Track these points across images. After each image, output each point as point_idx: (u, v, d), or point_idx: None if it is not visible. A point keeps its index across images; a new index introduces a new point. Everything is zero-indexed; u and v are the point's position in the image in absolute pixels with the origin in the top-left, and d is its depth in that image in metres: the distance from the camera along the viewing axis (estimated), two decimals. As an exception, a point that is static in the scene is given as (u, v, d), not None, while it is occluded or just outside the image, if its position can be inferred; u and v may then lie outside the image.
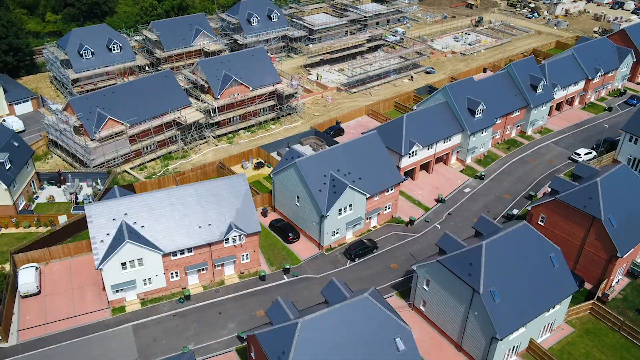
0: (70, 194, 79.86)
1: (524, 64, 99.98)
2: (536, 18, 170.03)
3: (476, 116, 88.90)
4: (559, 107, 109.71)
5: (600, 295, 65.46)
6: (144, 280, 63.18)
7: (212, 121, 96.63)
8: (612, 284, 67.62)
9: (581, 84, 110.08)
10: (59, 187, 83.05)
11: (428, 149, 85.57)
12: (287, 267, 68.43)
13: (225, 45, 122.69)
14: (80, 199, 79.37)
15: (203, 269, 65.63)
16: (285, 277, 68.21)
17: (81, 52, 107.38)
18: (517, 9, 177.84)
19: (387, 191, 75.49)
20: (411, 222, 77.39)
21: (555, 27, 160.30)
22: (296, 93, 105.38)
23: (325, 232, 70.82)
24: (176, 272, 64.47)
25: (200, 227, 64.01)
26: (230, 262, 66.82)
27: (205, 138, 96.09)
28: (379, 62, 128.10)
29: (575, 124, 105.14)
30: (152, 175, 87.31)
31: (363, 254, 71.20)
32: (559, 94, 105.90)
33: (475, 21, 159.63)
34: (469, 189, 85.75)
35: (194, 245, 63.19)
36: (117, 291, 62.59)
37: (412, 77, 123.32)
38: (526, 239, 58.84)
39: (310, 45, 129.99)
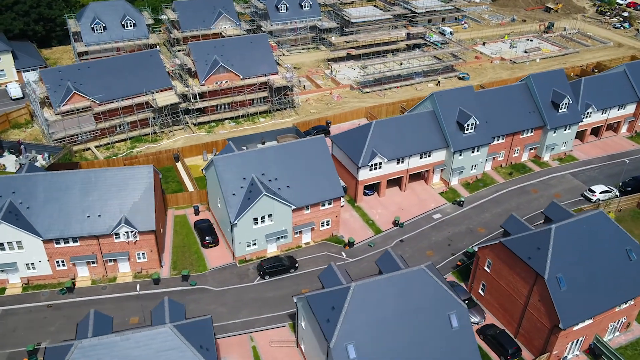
0: (21, 164, 78.85)
1: (548, 76, 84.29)
2: (626, 29, 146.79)
3: (466, 132, 75.89)
4: (597, 132, 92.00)
5: (536, 371, 52.02)
6: (27, 264, 59.65)
7: (193, 107, 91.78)
8: (562, 360, 53.69)
9: (630, 108, 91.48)
10: (17, 156, 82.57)
11: (398, 163, 74.26)
12: (185, 273, 61.72)
13: (245, 31, 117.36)
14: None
15: (93, 262, 60.85)
16: (182, 284, 61.63)
17: (93, 26, 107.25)
18: (607, 17, 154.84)
19: (322, 205, 65.96)
20: (350, 244, 67.28)
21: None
22: (293, 87, 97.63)
23: (237, 241, 63.12)
24: (62, 261, 60.28)
25: (88, 216, 59.20)
26: (123, 259, 61.41)
27: (181, 123, 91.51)
28: (402, 61, 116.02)
29: (610, 155, 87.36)
30: (114, 156, 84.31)
31: (276, 272, 62.59)
32: (595, 117, 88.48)
33: (544, 26, 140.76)
34: (440, 215, 73.39)
35: (78, 235, 58.52)
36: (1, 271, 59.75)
37: (439, 82, 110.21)
38: (601, 229, 53.83)
39: (333, 37, 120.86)
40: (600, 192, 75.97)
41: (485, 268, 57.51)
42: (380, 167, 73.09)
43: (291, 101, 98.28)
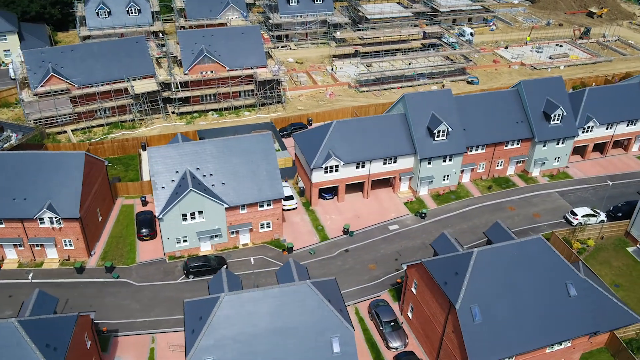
0: (-6, 143, 79.93)
1: (542, 83, 76.62)
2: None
3: (436, 139, 70.03)
4: (601, 149, 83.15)
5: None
6: (-45, 242, 59.80)
7: (175, 96, 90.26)
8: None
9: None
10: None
11: (358, 167, 69.49)
12: (109, 265, 59.92)
13: (252, 23, 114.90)
14: (-4, 149, 79.00)
15: (19, 245, 60.15)
16: (105, 275, 59.90)
17: (97, 11, 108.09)
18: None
19: (261, 206, 62.39)
20: (289, 249, 63.38)
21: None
22: (281, 81, 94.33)
23: (165, 237, 60.68)
24: (-11, 242, 60.02)
25: (14, 199, 58.42)
26: (50, 244, 60.36)
27: (160, 112, 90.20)
28: (411, 61, 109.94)
29: (611, 175, 78.54)
30: (88, 140, 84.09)
31: (201, 272, 59.67)
32: (598, 132, 79.83)
33: (580, 32, 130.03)
34: (397, 226, 68.05)
35: (2, 217, 57.90)
36: None
37: (443, 84, 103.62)
38: (536, 257, 48.37)
39: (339, 32, 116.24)
40: (583, 216, 68.10)
41: (412, 289, 52.24)
42: (336, 170, 68.58)
43: (279, 96, 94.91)
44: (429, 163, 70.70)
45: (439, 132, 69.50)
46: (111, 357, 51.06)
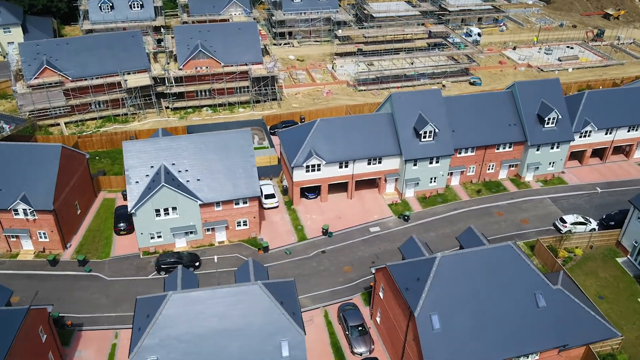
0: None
1: (538, 85, 74.14)
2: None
3: (422, 140, 68.24)
4: (601, 154, 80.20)
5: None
6: None
7: (170, 91, 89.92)
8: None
9: (646, 130, 78.91)
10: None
11: (341, 167, 68.08)
12: (81, 258, 59.66)
13: (254, 19, 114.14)
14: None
15: (-5, 235, 60.41)
16: (78, 269, 59.66)
17: (100, 5, 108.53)
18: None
19: (237, 203, 61.47)
20: (264, 248, 62.34)
21: None
22: (278, 78, 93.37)
23: (139, 232, 60.19)
24: (-35, 231, 60.31)
25: (-11, 190, 58.64)
26: (25, 236, 60.36)
27: (154, 107, 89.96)
28: (414, 60, 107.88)
29: (608, 182, 75.64)
30: (78, 133, 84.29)
31: (173, 269, 58.96)
32: (597, 137, 76.94)
33: (593, 34, 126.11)
34: (378, 228, 66.48)
35: (-25, 207, 58.22)
36: None
37: (443, 85, 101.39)
38: (505, 265, 46.40)
39: (340, 30, 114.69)
40: (573, 223, 65.58)
41: (380, 293, 50.72)
42: (319, 170, 67.28)
43: (274, 93, 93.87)
44: (415, 165, 68.92)
45: (425, 133, 67.69)
46: (73, 351, 50.69)
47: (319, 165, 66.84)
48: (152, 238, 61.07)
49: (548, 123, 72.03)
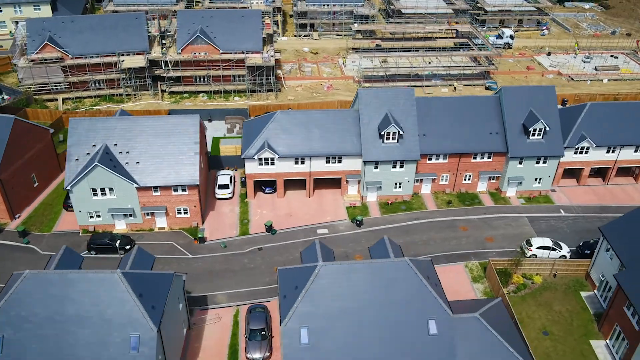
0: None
1: (527, 92, 67.23)
2: None
3: (385, 141, 63.76)
4: (604, 175, 71.73)
5: None
6: None
7: (167, 75, 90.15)
8: None
9: (658, 152, 69.61)
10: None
11: (297, 163, 64.98)
12: (21, 229, 60.59)
13: (273, 9, 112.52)
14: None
15: (-53, 201, 62.56)
16: (18, 240, 60.66)
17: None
18: None
19: (175, 190, 60.08)
20: (200, 239, 60.57)
21: None
22: (276, 68, 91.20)
23: (77, 209, 60.25)
24: None
25: (-57, 155, 60.72)
26: (-29, 204, 62.20)
27: (148, 89, 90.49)
28: (432, 60, 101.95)
29: (602, 206, 67.47)
30: (72, 109, 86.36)
31: (103, 250, 58.58)
32: (597, 155, 68.71)
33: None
34: (326, 230, 62.88)
35: None
36: None
37: (455, 87, 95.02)
38: (398, 283, 41.83)
39: (356, 24, 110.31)
40: (539, 247, 58.82)
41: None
42: (272, 164, 64.56)
43: (270, 83, 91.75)
44: (376, 167, 64.58)
45: (388, 134, 63.16)
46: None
47: (272, 159, 64.13)
48: (91, 217, 60.97)
49: (533, 134, 65.15)
